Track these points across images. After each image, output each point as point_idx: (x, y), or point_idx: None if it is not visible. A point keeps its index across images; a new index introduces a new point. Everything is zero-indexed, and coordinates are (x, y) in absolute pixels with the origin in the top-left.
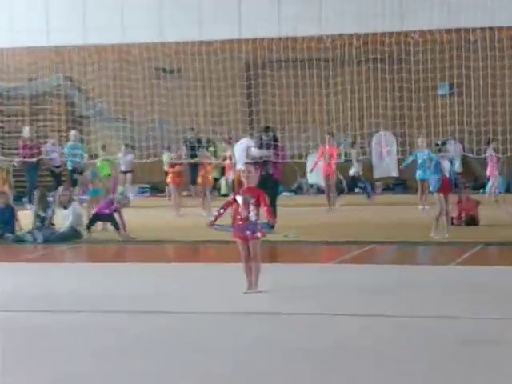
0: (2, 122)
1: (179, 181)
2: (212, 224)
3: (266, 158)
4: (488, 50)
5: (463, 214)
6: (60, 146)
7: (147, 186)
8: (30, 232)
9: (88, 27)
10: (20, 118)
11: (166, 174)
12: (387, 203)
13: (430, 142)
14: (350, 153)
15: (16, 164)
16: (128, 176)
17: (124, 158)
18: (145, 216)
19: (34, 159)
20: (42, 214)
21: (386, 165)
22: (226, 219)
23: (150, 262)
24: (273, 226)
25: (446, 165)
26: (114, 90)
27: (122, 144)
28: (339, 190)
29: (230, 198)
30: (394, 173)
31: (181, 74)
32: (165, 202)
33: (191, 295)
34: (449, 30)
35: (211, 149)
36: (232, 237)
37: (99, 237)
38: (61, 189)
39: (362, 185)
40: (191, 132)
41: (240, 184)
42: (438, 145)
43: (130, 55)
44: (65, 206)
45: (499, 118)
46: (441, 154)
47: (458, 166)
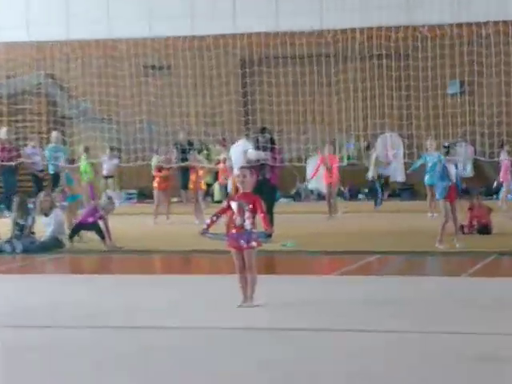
0: None
1: (166, 186)
2: (204, 232)
3: (263, 162)
4: (501, 45)
5: (475, 222)
6: (41, 149)
7: (134, 191)
8: (8, 241)
9: (71, 21)
10: None
11: (153, 178)
12: (393, 210)
13: (439, 145)
14: (368, 156)
15: None
16: (109, 182)
17: (109, 162)
18: (132, 224)
19: (13, 163)
20: (21, 221)
21: (392, 169)
22: (220, 227)
23: (137, 274)
24: (270, 235)
25: (451, 170)
26: (99, 88)
27: (107, 147)
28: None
29: (224, 204)
30: (400, 177)
31: (171, 71)
32: (153, 209)
33: (181, 309)
34: (459, 24)
35: (204, 152)
36: (226, 246)
37: (83, 246)
38: (42, 194)
39: (378, 189)
40: (182, 133)
41: (237, 190)
42: (445, 147)
43: (116, 51)
44: (46, 213)
45: None
46: (447, 158)
47: (470, 170)
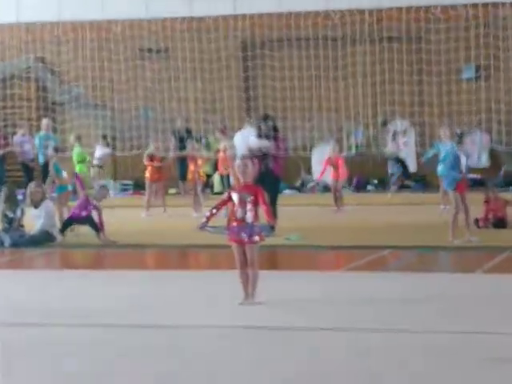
0: None
1: (158, 177)
2: (204, 226)
3: (266, 151)
4: None
5: (490, 215)
6: (31, 136)
7: (130, 182)
8: None
9: (63, 1)
10: None
11: (145, 168)
12: (404, 202)
13: (453, 133)
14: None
15: None
16: (101, 172)
17: (101, 151)
18: (126, 217)
19: (1, 151)
20: (9, 213)
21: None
22: (221, 220)
23: (132, 269)
24: (273, 228)
25: (462, 160)
26: (93, 72)
27: (101, 135)
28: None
29: (225, 196)
30: (411, 167)
31: (168, 54)
32: (144, 201)
33: (179, 307)
34: (475, 5)
35: (206, 140)
36: (226, 240)
37: (75, 240)
38: (33, 185)
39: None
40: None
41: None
42: (458, 135)
43: (110, 33)
44: (35, 205)
45: None
46: (459, 147)
47: (485, 159)
